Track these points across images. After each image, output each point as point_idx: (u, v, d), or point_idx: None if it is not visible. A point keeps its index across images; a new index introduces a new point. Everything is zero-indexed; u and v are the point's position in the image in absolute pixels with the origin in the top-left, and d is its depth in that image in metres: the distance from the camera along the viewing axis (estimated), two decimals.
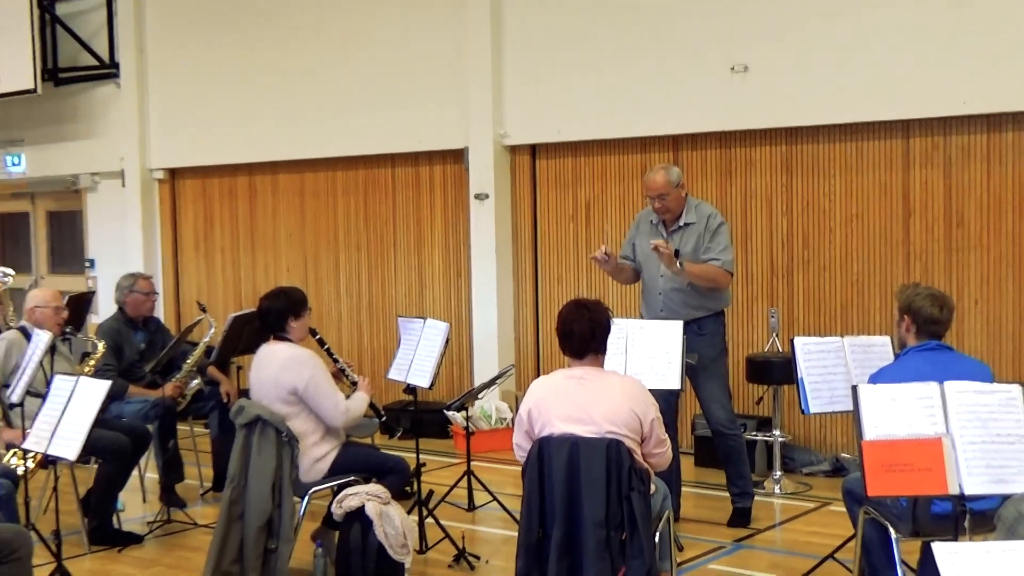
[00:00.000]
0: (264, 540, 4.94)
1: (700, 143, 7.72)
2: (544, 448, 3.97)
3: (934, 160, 6.82)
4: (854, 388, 3.71)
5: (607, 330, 4.16)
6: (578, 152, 8.31)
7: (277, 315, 5.16)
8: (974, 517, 3.54)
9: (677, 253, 5.59)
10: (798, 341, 5.12)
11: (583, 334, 4.05)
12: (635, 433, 3.94)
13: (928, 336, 4.22)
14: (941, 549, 2.07)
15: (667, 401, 5.51)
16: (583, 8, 8.12)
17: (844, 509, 4.81)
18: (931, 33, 6.63)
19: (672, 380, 5.26)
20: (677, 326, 5.37)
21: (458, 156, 8.73)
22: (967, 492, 3.41)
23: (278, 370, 5.05)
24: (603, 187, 8.23)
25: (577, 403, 3.99)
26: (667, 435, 4.21)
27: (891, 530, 4.11)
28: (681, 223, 5.78)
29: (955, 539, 3.23)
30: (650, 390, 4.19)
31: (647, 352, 5.33)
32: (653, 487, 4.15)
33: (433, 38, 8.85)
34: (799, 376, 4.98)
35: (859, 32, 6.89)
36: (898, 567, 4.07)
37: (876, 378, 4.14)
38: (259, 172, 10.18)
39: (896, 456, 3.50)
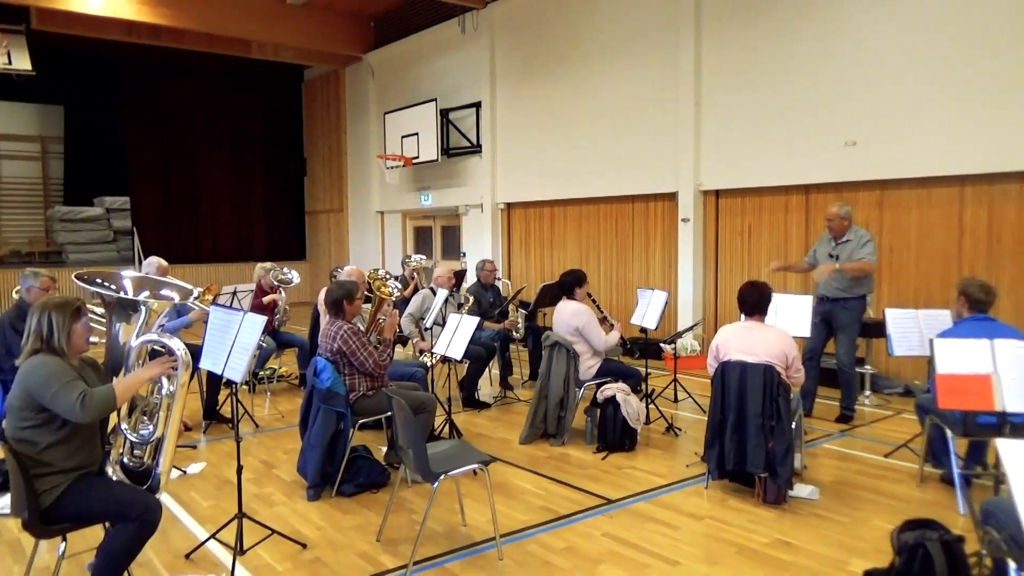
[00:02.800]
0: (558, 410, 5.68)
1: (823, 189, 8.10)
2: (725, 367, 4.45)
3: (981, 199, 6.98)
4: (931, 341, 3.98)
5: (768, 299, 4.62)
6: (745, 195, 8.88)
7: (569, 284, 5.87)
8: (1013, 427, 3.80)
9: (836, 258, 6.06)
10: (888, 312, 5.36)
11: (753, 301, 4.57)
12: (782, 363, 4.36)
13: (977, 311, 4.46)
14: (1004, 444, 2.21)
15: (815, 348, 6.17)
16: (751, 105, 8.58)
17: (913, 417, 5.13)
18: (980, 114, 6.76)
19: (803, 331, 5.68)
20: (807, 299, 5.87)
21: (671, 196, 9.52)
22: (1008, 410, 3.69)
23: (568, 316, 5.70)
24: (758, 216, 8.79)
25: (748, 342, 4.43)
26: (803, 366, 4.58)
27: (948, 431, 4.36)
28: (844, 240, 6.12)
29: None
30: (793, 337, 4.58)
31: (789, 314, 5.75)
32: (792, 395, 4.50)
33: (658, 119, 9.52)
34: (888, 333, 5.23)
35: (931, 115, 7.07)
36: (952, 455, 4.38)
37: (942, 336, 4.24)
38: (554, 205, 11.38)
39: (959, 384, 3.79)
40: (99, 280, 3.39)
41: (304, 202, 18.24)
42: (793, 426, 4.40)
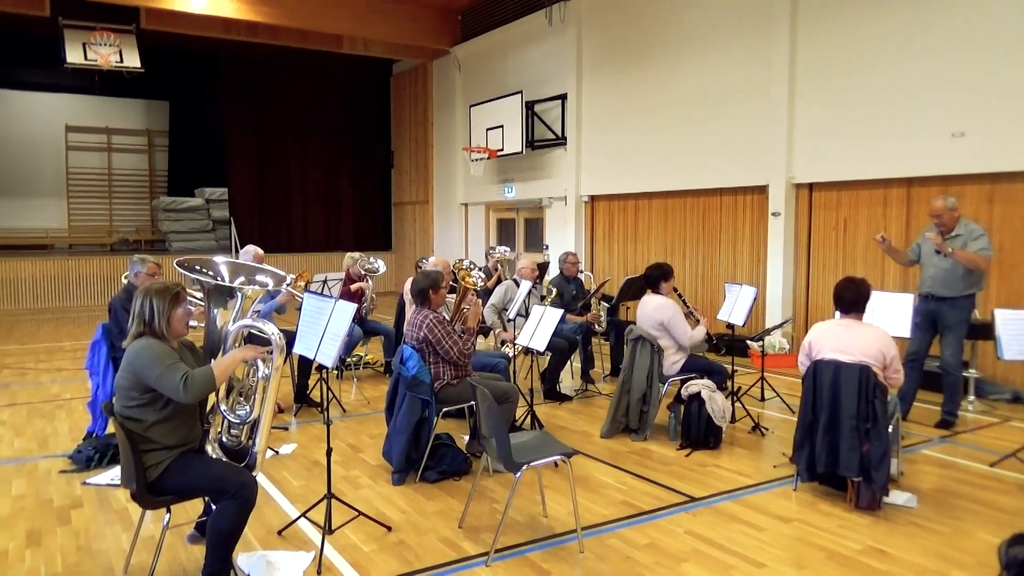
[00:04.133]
0: (641, 405, 5.63)
1: (926, 182, 7.66)
2: (818, 366, 4.34)
3: None
4: None
5: (867, 297, 4.42)
6: (841, 188, 8.52)
7: (655, 278, 5.84)
8: None
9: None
10: (998, 312, 5.01)
11: (850, 298, 4.39)
12: (879, 363, 4.22)
13: None
14: None
15: (918, 350, 5.93)
16: (849, 92, 8.23)
17: (1022, 425, 4.98)
18: None
19: (902, 331, 5.37)
20: (907, 298, 5.53)
21: (761, 189, 9.27)
22: None
23: (653, 310, 5.66)
24: (855, 211, 8.42)
25: (844, 340, 4.29)
26: (902, 368, 4.38)
27: None
28: (953, 234, 5.83)
29: None
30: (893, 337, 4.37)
31: (888, 313, 5.46)
32: (890, 397, 4.32)
33: (748, 109, 9.27)
34: (997, 335, 4.92)
35: None
36: None
37: None
38: (639, 198, 11.20)
39: None
40: (198, 267, 3.51)
41: (391, 194, 18.60)
42: (890, 430, 4.26)
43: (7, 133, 17.56)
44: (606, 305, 7.69)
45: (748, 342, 8.45)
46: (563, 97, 12.30)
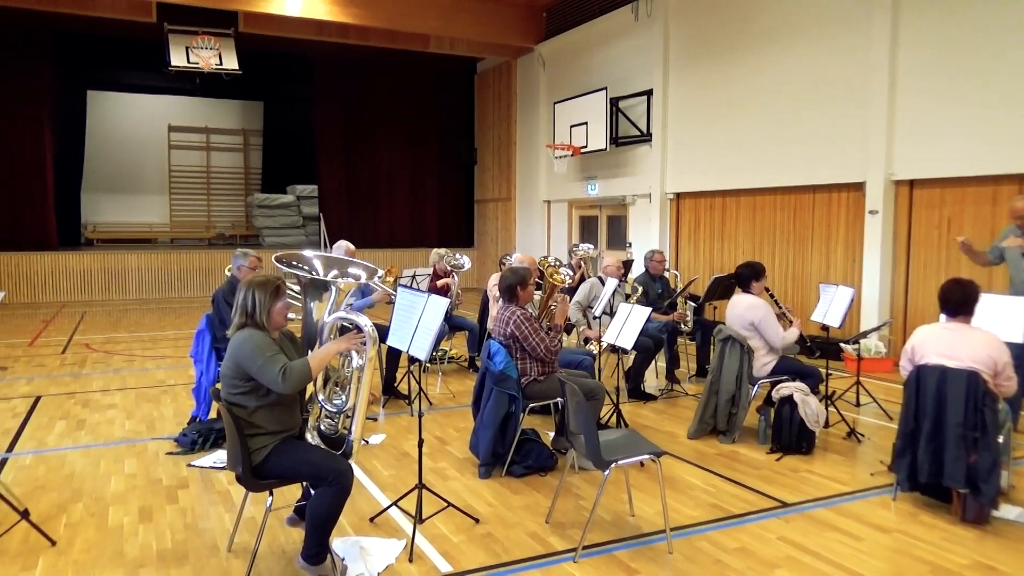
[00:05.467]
0: (729, 407, 5.54)
1: None
2: (921, 371, 4.19)
3: None
4: None
5: (975, 300, 4.21)
6: (945, 185, 8.15)
7: (745, 277, 5.74)
8: None
9: None
10: None
11: (958, 300, 4.20)
12: (990, 369, 4.02)
13: None
14: None
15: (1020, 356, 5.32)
16: (956, 83, 7.85)
17: None
18: None
19: (1015, 336, 4.86)
20: (1021, 301, 5.09)
21: (857, 186, 8.92)
22: None
23: (743, 310, 5.55)
24: (960, 209, 8.05)
25: (949, 345, 4.13)
26: (1015, 375, 4.14)
27: None
28: None
29: None
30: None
31: (999, 316, 4.99)
32: (1000, 405, 4.13)
33: (844, 103, 8.94)
34: None
35: None
36: None
37: None
38: (727, 195, 11.00)
39: None
40: (294, 262, 3.63)
41: (473, 191, 18.81)
42: (1000, 440, 4.09)
43: (115, 134, 18.62)
44: (692, 304, 7.57)
45: (842, 345, 8.14)
46: (648, 93, 12.20)
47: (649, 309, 5.43)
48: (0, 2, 12.09)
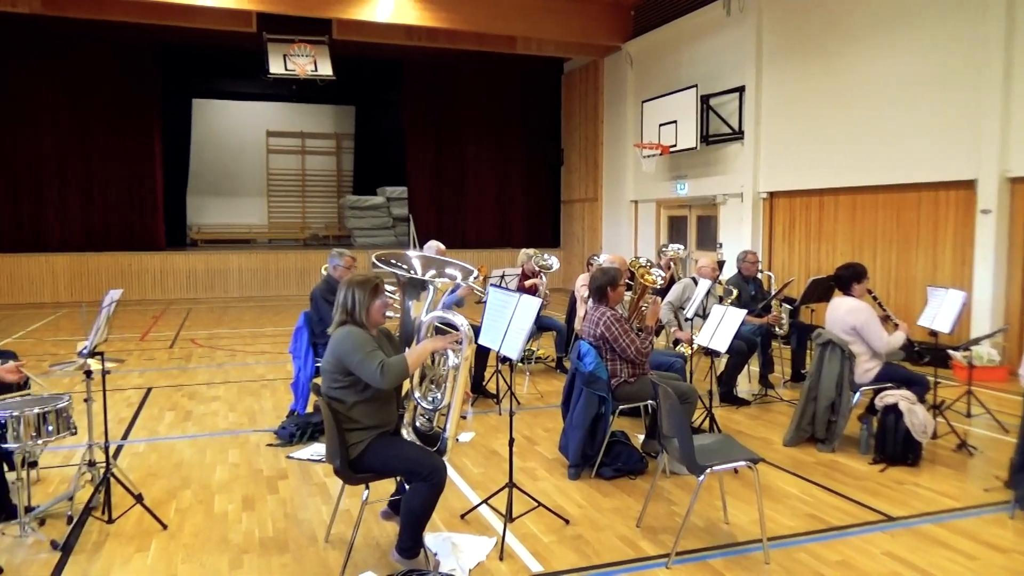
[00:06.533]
0: (828, 414, 5.34)
1: None
2: None
3: None
4: None
5: None
6: None
7: (846, 279, 5.48)
8: None
9: None
10: None
11: None
12: None
13: None
14: None
15: None
16: None
17: None
18: None
19: None
20: None
21: (968, 184, 8.42)
22: None
23: (845, 313, 5.32)
24: None
25: None
26: None
27: None
28: None
29: None
30: None
31: None
32: None
33: (953, 96, 8.49)
34: None
35: None
36: None
37: None
38: (823, 194, 10.57)
39: None
40: (393, 260, 3.72)
41: (560, 191, 18.80)
42: None
43: (217, 139, 19.56)
44: (788, 307, 7.33)
45: (951, 352, 7.68)
46: (741, 90, 11.90)
47: (744, 311, 5.30)
48: (114, 17, 12.86)
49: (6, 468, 4.11)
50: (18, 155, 15.05)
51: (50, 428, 3.81)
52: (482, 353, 6.71)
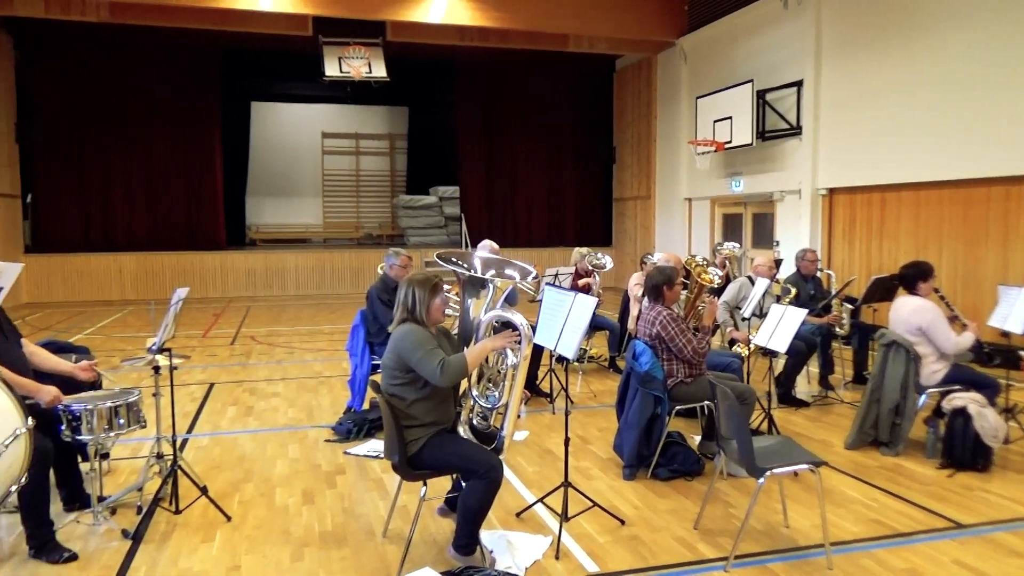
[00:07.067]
0: (892, 417, 5.21)
1: None
2: None
3: None
4: None
5: None
6: None
7: (911, 278, 5.37)
8: None
9: None
10: None
11: None
12: None
13: None
14: None
15: None
16: None
17: None
18: None
19: None
20: None
21: None
22: None
23: (910, 313, 5.19)
24: None
25: None
26: None
27: None
28: None
29: None
30: None
31: None
32: None
33: None
34: None
35: None
36: None
37: None
38: (886, 190, 10.24)
39: None
40: (454, 259, 3.75)
41: (611, 189, 18.68)
42: None
43: (273, 141, 20.00)
44: (849, 306, 7.16)
45: (1021, 353, 7.37)
46: (798, 84, 11.64)
47: (805, 311, 5.19)
48: (177, 24, 13.26)
49: (80, 459, 4.27)
50: (87, 160, 15.65)
51: (121, 421, 3.95)
52: (535, 352, 6.69)
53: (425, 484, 3.69)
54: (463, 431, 3.63)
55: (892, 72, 10.07)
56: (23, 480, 3.20)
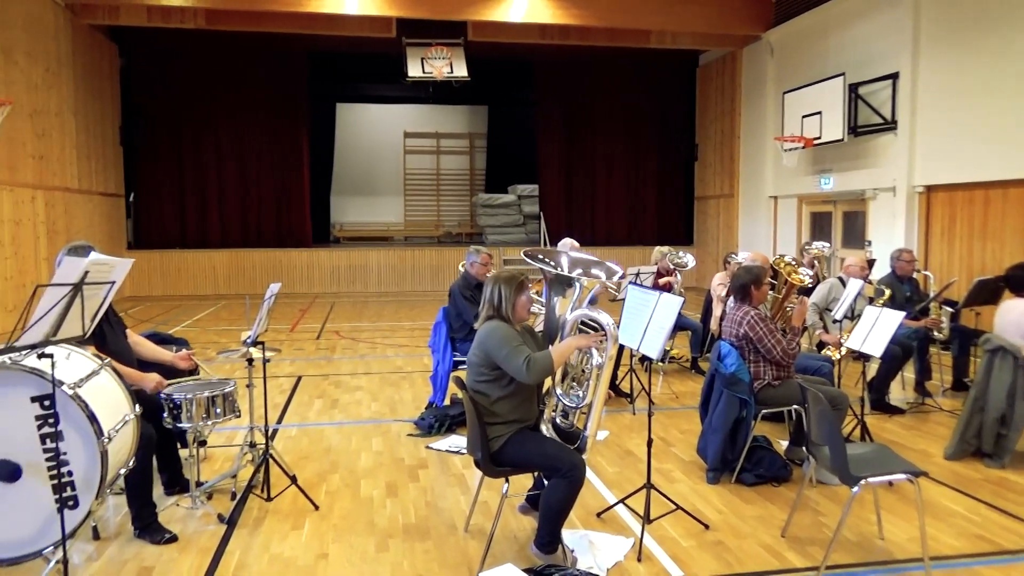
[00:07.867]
0: (998, 427, 4.97)
1: None
2: None
3: None
4: None
5: None
6: None
7: (1019, 280, 5.17)
8: None
9: None
10: None
11: None
12: None
13: None
14: None
15: None
16: None
17: None
18: None
19: None
20: None
21: None
22: None
23: (1019, 316, 4.93)
24: None
25: None
26: None
27: None
28: None
29: None
30: None
31: None
32: None
33: None
34: None
35: None
36: None
37: None
38: (990, 187, 9.74)
39: None
40: (541, 256, 3.76)
41: (693, 188, 18.34)
42: None
43: (357, 141, 20.50)
44: (949, 310, 6.85)
45: None
46: (894, 76, 11.13)
47: (902, 314, 5.01)
48: (268, 29, 13.75)
49: (178, 445, 4.49)
50: (184, 161, 16.44)
51: (218, 410, 4.13)
52: (616, 352, 6.62)
53: (507, 481, 3.70)
54: (546, 429, 3.64)
55: (995, 62, 9.53)
56: (131, 463, 3.37)
